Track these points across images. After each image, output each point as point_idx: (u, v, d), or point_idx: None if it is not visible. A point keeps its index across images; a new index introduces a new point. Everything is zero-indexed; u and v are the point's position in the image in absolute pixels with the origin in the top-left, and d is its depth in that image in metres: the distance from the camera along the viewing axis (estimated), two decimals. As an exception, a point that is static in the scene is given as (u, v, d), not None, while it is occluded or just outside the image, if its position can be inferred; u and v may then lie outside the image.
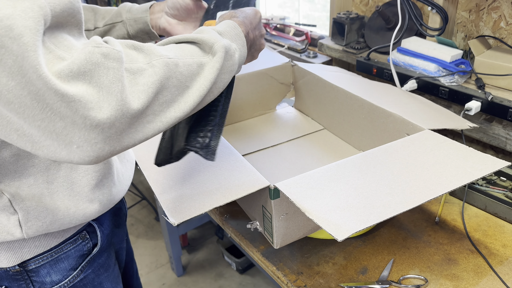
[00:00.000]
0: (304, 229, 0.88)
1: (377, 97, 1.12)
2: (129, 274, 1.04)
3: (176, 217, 0.72)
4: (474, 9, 1.18)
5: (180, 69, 0.55)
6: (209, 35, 0.61)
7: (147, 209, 2.50)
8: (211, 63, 0.59)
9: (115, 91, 0.48)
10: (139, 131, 0.52)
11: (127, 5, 0.95)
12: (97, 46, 0.48)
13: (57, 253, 0.75)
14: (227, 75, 0.63)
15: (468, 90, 1.10)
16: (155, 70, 0.52)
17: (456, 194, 1.06)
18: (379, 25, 1.39)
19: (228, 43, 0.62)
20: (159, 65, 0.53)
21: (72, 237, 0.76)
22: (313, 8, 2.03)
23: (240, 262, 1.99)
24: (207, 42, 0.59)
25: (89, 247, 0.80)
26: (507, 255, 0.89)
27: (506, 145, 1.10)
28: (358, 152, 1.19)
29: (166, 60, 0.54)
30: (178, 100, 0.56)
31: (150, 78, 0.52)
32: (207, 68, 0.59)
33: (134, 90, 0.50)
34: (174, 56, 0.55)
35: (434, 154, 0.86)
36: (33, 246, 0.72)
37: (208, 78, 0.58)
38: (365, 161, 0.85)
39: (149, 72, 0.52)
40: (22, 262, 0.72)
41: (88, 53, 0.47)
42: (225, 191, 0.78)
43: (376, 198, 0.74)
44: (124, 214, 0.95)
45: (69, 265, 0.77)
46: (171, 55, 0.55)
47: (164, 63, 0.53)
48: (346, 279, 0.85)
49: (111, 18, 0.93)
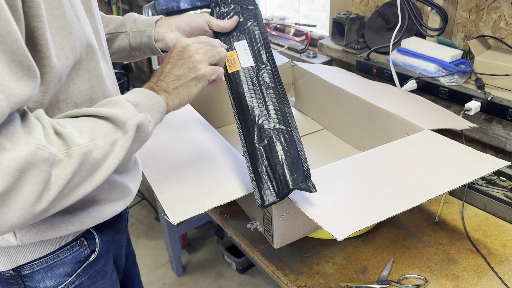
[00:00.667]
0: (304, 229, 0.88)
1: (377, 97, 1.12)
2: (131, 278, 1.03)
3: (176, 216, 0.72)
4: (474, 9, 1.18)
5: (94, 154, 0.58)
6: (123, 111, 0.62)
7: (147, 209, 2.50)
8: (122, 141, 0.61)
9: (34, 193, 0.51)
10: (47, 214, 0.57)
11: (133, 15, 0.93)
12: (40, 148, 0.51)
13: (52, 259, 0.74)
14: (138, 145, 0.66)
15: (468, 90, 1.10)
16: (71, 161, 0.55)
17: (456, 194, 1.06)
18: (379, 25, 1.39)
19: (142, 118, 0.63)
20: (75, 156, 0.55)
21: (69, 244, 0.75)
22: (313, 8, 2.03)
23: (240, 262, 1.99)
24: (120, 119, 0.61)
25: (86, 254, 0.78)
26: (507, 255, 0.89)
27: (506, 145, 1.10)
28: (358, 152, 1.20)
29: (83, 149, 0.56)
30: (86, 180, 0.59)
31: (65, 169, 0.54)
32: (118, 145, 0.61)
33: (47, 187, 0.53)
34: (89, 141, 0.57)
35: (433, 154, 0.86)
36: (28, 252, 0.71)
37: (117, 156, 0.61)
38: (365, 161, 0.85)
39: (64, 163, 0.54)
40: (16, 267, 0.71)
41: (30, 153, 0.50)
42: (225, 190, 0.78)
43: (376, 198, 0.74)
44: (125, 220, 0.93)
45: (64, 271, 0.75)
46: (86, 141, 0.57)
47: (80, 153, 0.56)
48: (346, 279, 0.85)
49: (114, 27, 0.92)
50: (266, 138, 0.77)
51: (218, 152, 0.90)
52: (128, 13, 0.95)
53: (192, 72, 0.72)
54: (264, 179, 0.74)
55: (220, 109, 1.34)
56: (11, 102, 0.48)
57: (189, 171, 0.84)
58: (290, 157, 0.74)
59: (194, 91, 0.73)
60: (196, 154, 0.89)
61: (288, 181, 0.71)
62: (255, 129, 0.78)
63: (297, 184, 0.71)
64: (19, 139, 0.50)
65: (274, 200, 0.72)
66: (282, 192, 0.71)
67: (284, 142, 0.76)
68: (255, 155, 0.76)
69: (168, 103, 0.70)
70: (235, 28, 0.91)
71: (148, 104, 0.66)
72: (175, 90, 0.71)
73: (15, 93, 0.49)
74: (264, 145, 0.76)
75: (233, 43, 0.89)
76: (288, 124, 0.79)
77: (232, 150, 0.90)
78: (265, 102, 0.81)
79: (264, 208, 0.73)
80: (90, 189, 0.59)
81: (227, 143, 0.94)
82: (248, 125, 0.79)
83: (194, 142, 0.95)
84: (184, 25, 0.89)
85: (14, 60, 0.49)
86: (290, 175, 0.72)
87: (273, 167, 0.74)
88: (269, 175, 0.74)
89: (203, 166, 0.85)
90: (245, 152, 0.78)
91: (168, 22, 0.90)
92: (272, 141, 0.76)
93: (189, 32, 0.90)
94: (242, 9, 0.93)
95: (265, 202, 0.72)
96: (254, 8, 0.94)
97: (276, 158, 0.74)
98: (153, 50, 0.92)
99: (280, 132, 0.77)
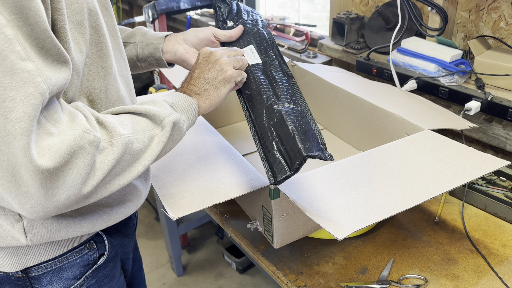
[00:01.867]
0: (304, 229, 0.88)
1: (377, 97, 1.12)
2: (138, 282, 1.03)
3: (176, 212, 0.72)
4: (474, 9, 1.18)
5: (134, 145, 0.62)
6: (161, 109, 0.66)
7: (147, 209, 2.50)
8: (159, 136, 0.65)
9: (81, 176, 0.55)
10: (88, 201, 0.60)
11: (143, 29, 0.95)
12: (86, 132, 0.54)
13: (61, 262, 0.73)
14: (174, 143, 0.69)
15: (468, 90, 1.10)
16: (114, 149, 0.58)
17: (456, 194, 1.06)
18: (379, 25, 1.39)
19: (177, 117, 0.68)
20: (118, 144, 0.59)
21: (79, 247, 0.75)
22: (313, 8, 2.03)
23: (240, 262, 1.99)
24: (158, 116, 0.65)
25: (95, 257, 0.78)
26: (507, 255, 0.89)
27: (505, 145, 1.10)
28: (358, 152, 1.20)
29: (125, 139, 0.60)
30: (126, 170, 0.62)
31: (108, 156, 0.58)
32: (156, 140, 0.65)
33: (92, 172, 0.56)
34: (130, 133, 0.61)
35: (433, 153, 0.86)
36: (37, 254, 0.71)
37: (155, 150, 0.65)
38: (365, 161, 0.85)
39: (108, 151, 0.58)
40: (25, 269, 0.71)
41: (77, 137, 0.53)
42: (225, 188, 0.78)
43: (376, 198, 0.74)
44: (134, 224, 0.92)
45: (72, 274, 0.75)
46: (128, 133, 0.61)
47: (123, 143, 0.59)
48: (346, 279, 0.85)
49: (124, 38, 0.94)
50: (275, 116, 0.75)
51: (218, 151, 0.90)
52: (138, 26, 0.98)
53: (220, 74, 0.77)
54: (275, 155, 0.70)
55: (221, 109, 1.34)
56: (49, 84, 0.51)
57: (189, 169, 0.84)
58: (302, 129, 0.71)
59: (223, 92, 0.77)
60: (196, 153, 0.90)
61: (301, 149, 0.67)
62: (263, 112, 0.77)
63: (311, 151, 0.66)
64: (63, 125, 0.54)
65: (288, 174, 0.67)
66: (295, 163, 0.66)
67: (294, 117, 0.73)
68: (265, 135, 0.74)
69: (200, 105, 0.74)
70: (241, 36, 0.94)
71: (182, 105, 0.70)
72: (206, 92, 0.75)
73: (51, 76, 0.52)
74: (273, 123, 0.74)
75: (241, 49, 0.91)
76: (298, 104, 0.77)
77: (232, 150, 0.90)
78: (273, 87, 0.80)
79: (277, 184, 0.68)
80: (129, 180, 0.62)
81: (227, 142, 0.94)
82: (256, 110, 0.78)
83: (194, 141, 0.95)
84: (192, 37, 0.92)
85: (44, 47, 0.51)
86: (302, 144, 0.68)
87: (284, 140, 0.71)
88: (280, 150, 0.70)
89: (203, 165, 0.85)
90: (254, 136, 0.77)
91: (176, 36, 0.93)
92: (281, 117, 0.74)
93: (196, 43, 0.92)
94: (248, 21, 0.96)
95: (278, 178, 0.68)
96: (260, 21, 0.97)
97: (286, 131, 0.71)
98: (159, 62, 0.94)
99: (290, 110, 0.75)
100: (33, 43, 0.50)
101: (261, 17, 0.99)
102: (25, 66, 0.49)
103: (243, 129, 1.35)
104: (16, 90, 0.48)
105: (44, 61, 0.51)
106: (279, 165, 0.69)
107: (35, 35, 0.50)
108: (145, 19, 1.83)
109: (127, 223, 0.87)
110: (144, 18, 1.84)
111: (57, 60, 0.53)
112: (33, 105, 0.49)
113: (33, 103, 0.49)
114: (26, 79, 0.49)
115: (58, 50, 0.53)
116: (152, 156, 0.64)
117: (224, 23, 0.98)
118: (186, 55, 0.91)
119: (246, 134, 1.32)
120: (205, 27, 0.94)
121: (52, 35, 0.52)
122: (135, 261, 0.99)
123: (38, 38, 0.50)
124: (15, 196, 0.53)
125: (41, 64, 0.51)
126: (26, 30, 0.49)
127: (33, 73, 0.50)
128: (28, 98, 0.49)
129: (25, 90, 0.49)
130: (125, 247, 0.88)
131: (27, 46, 0.50)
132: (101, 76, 0.67)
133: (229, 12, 1.00)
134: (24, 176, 0.51)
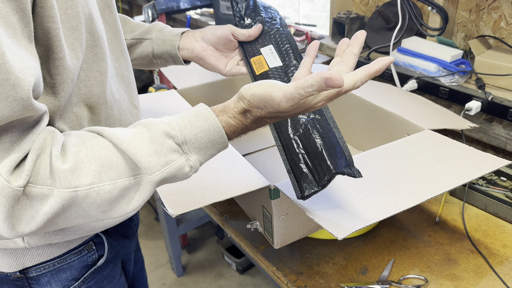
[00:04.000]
0: (304, 229, 0.88)
1: (377, 97, 1.12)
2: (139, 283, 1.02)
3: (175, 209, 0.72)
4: (474, 9, 1.18)
5: (90, 200, 0.51)
6: (149, 160, 0.52)
7: (147, 209, 2.50)
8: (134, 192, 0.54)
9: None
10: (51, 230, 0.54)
11: (160, 24, 0.94)
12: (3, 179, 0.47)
13: (60, 263, 0.73)
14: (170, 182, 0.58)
15: (468, 90, 1.10)
16: (52, 201, 0.50)
17: (456, 194, 1.06)
18: (379, 25, 1.39)
19: (177, 167, 0.55)
20: (58, 198, 0.50)
21: (77, 248, 0.74)
22: (313, 8, 2.03)
23: (240, 262, 1.99)
24: (142, 169, 0.52)
25: (94, 259, 0.77)
26: (507, 255, 0.89)
27: (506, 145, 1.10)
28: (358, 152, 1.19)
29: (70, 194, 0.50)
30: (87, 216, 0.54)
31: (44, 208, 0.50)
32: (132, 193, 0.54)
33: (23, 218, 0.50)
34: (88, 184, 0.50)
35: (434, 153, 0.86)
36: (35, 255, 0.71)
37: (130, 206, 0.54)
38: (365, 161, 0.85)
39: (48, 201, 0.50)
40: (23, 269, 0.71)
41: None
42: (225, 187, 0.78)
43: (376, 197, 0.74)
44: (135, 225, 0.91)
45: (71, 275, 0.75)
46: (86, 183, 0.50)
47: (66, 197, 0.50)
48: (346, 279, 0.85)
49: (140, 33, 0.92)
50: (301, 127, 0.72)
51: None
52: (155, 21, 0.96)
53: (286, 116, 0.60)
54: (302, 168, 0.68)
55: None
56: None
57: (189, 171, 0.84)
58: (329, 143, 0.69)
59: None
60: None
61: (330, 166, 0.65)
62: (288, 121, 0.74)
63: (340, 168, 0.65)
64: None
65: (315, 189, 0.65)
66: (324, 179, 0.65)
67: (321, 129, 0.71)
68: (290, 146, 0.72)
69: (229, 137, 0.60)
70: (260, 35, 0.91)
71: (202, 141, 0.56)
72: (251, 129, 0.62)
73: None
74: (299, 134, 0.72)
75: (260, 49, 0.89)
76: (323, 114, 0.75)
77: (232, 150, 0.90)
78: None
79: (304, 199, 0.66)
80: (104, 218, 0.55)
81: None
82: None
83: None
84: (210, 35, 0.90)
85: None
86: (331, 159, 0.66)
87: (311, 154, 0.69)
88: (307, 163, 0.68)
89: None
90: (279, 146, 0.73)
91: (193, 33, 0.91)
92: (308, 129, 0.71)
93: (214, 42, 0.90)
94: (266, 20, 0.94)
95: (306, 193, 0.66)
96: (278, 18, 0.94)
97: (314, 145, 0.69)
98: (175, 59, 0.92)
99: (315, 121, 0.73)
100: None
101: (279, 14, 0.97)
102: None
103: (243, 129, 1.35)
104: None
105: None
106: (306, 180, 0.67)
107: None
108: (145, 19, 1.83)
109: (128, 224, 0.86)
110: (144, 17, 1.83)
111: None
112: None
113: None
114: None
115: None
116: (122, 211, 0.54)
117: (241, 19, 0.96)
118: (203, 53, 0.89)
119: (246, 134, 1.31)
120: (223, 25, 0.92)
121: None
122: (137, 262, 0.99)
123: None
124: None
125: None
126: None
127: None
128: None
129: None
130: (126, 248, 0.88)
131: None
132: (98, 81, 0.65)
133: (246, 8, 0.97)
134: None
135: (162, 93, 1.19)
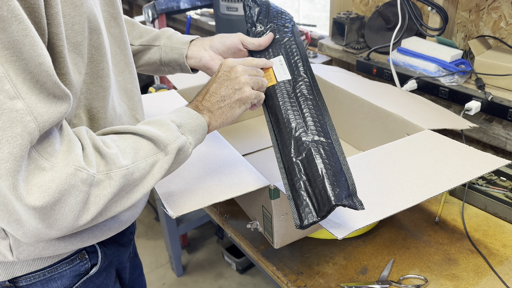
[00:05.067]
0: (304, 229, 0.88)
1: (377, 97, 1.12)
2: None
3: (175, 210, 0.72)
4: (474, 9, 1.18)
5: (134, 176, 0.60)
6: (166, 134, 0.64)
7: (147, 209, 2.50)
8: (161, 162, 0.63)
9: (73, 212, 0.54)
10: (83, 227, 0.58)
11: (169, 31, 0.92)
12: (79, 170, 0.52)
13: (50, 273, 0.72)
14: (177, 166, 0.68)
15: (468, 90, 1.10)
16: (111, 182, 0.56)
17: (456, 194, 1.06)
18: (379, 25, 1.39)
19: (183, 141, 0.66)
20: (116, 178, 0.57)
21: (69, 257, 0.73)
22: (313, 8, 2.03)
23: (240, 262, 1.99)
24: (163, 141, 0.63)
25: (86, 268, 0.75)
26: (507, 255, 0.89)
27: (506, 145, 1.10)
28: (358, 152, 1.19)
29: (124, 171, 0.58)
30: (124, 198, 0.60)
31: (104, 190, 0.56)
32: (157, 166, 0.63)
33: (86, 206, 0.55)
34: (131, 163, 0.59)
35: (434, 153, 0.86)
36: (25, 265, 0.69)
37: (155, 177, 0.63)
38: (365, 161, 0.85)
39: (104, 184, 0.56)
40: (12, 278, 0.70)
41: (69, 175, 0.52)
42: (225, 188, 0.78)
43: (376, 197, 0.74)
44: (131, 232, 0.89)
45: (62, 284, 0.73)
46: (128, 163, 0.59)
47: (121, 175, 0.57)
48: (346, 279, 0.85)
49: (148, 40, 0.91)
50: (304, 151, 0.70)
51: (218, 151, 0.90)
52: (165, 27, 0.94)
53: (237, 94, 0.73)
54: (303, 196, 0.67)
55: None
56: (40, 122, 0.49)
57: (188, 168, 0.84)
58: (331, 170, 0.67)
59: (237, 112, 0.73)
60: (196, 152, 0.89)
61: (330, 197, 0.64)
62: (291, 143, 0.72)
63: (341, 199, 0.63)
64: (57, 159, 0.52)
65: (314, 219, 0.64)
66: (323, 210, 0.64)
67: (325, 154, 0.69)
68: (292, 170, 0.70)
69: (211, 123, 0.71)
70: (271, 45, 0.88)
71: (191, 125, 0.68)
72: (219, 110, 0.72)
73: (43, 112, 0.50)
74: (302, 158, 0.70)
75: (269, 60, 0.86)
76: (328, 136, 0.73)
77: (232, 150, 0.90)
78: (302, 114, 0.75)
79: (303, 229, 0.65)
80: (126, 206, 0.61)
81: (227, 143, 0.93)
82: (284, 139, 0.74)
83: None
84: (218, 44, 0.88)
85: (39, 82, 0.49)
86: (332, 189, 0.64)
87: (312, 182, 0.67)
88: (308, 191, 0.67)
89: (203, 164, 0.85)
90: (281, 168, 0.72)
91: (202, 41, 0.89)
92: (311, 153, 0.69)
93: (223, 51, 0.88)
94: (279, 27, 0.90)
95: (304, 222, 0.65)
96: (291, 26, 0.91)
97: (316, 172, 0.67)
98: (182, 68, 0.91)
99: (319, 144, 0.70)
100: (26, 77, 0.48)
101: (292, 20, 0.93)
102: (14, 105, 0.47)
103: (244, 128, 1.35)
104: (3, 130, 0.47)
105: (38, 96, 0.49)
106: (305, 209, 0.66)
107: (29, 70, 0.48)
108: (145, 19, 1.83)
109: (123, 232, 0.84)
110: (144, 18, 1.83)
111: (53, 94, 0.51)
112: (20, 146, 0.47)
113: (20, 144, 0.47)
114: (14, 119, 0.47)
115: (54, 84, 0.51)
116: (152, 183, 0.62)
117: (253, 26, 0.92)
118: (211, 63, 0.88)
119: (246, 134, 1.32)
120: (232, 33, 0.89)
121: (47, 70, 0.50)
122: (135, 268, 0.97)
123: (33, 72, 0.48)
124: (7, 223, 0.53)
125: (33, 100, 0.49)
126: (19, 65, 0.47)
127: (22, 112, 0.48)
128: (15, 139, 0.47)
129: (12, 130, 0.47)
130: (120, 256, 0.86)
131: (19, 82, 0.48)
132: (100, 96, 0.65)
133: (259, 13, 0.93)
134: (16, 206, 0.50)
135: (162, 93, 1.19)
